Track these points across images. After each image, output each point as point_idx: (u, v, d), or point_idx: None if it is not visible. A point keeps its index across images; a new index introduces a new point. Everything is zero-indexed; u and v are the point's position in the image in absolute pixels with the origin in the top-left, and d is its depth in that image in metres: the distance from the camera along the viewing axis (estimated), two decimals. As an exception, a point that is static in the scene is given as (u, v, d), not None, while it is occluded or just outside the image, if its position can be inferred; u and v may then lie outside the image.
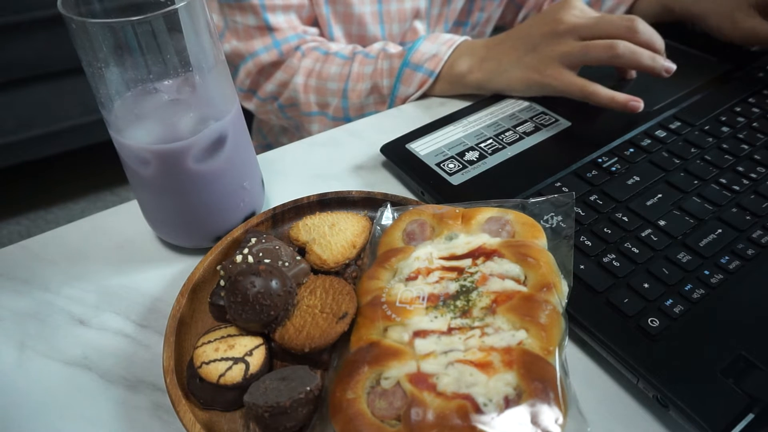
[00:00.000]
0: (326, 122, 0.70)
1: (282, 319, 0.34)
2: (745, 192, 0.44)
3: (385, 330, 0.33)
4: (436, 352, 0.31)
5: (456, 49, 0.60)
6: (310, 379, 0.31)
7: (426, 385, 0.30)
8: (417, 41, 0.62)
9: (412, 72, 0.61)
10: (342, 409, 0.30)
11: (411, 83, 0.61)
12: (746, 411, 0.30)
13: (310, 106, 0.69)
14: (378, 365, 0.31)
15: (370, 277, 0.37)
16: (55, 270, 0.45)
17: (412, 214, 0.40)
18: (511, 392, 0.29)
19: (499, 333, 0.31)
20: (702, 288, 0.37)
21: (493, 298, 0.33)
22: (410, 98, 0.61)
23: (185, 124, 0.39)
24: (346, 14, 0.70)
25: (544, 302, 0.32)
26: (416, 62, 0.60)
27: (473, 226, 0.38)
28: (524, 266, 0.34)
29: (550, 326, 0.31)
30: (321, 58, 0.67)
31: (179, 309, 0.37)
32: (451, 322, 0.32)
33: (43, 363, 0.38)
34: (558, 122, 0.53)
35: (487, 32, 0.84)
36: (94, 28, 0.33)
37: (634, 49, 0.50)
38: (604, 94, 0.51)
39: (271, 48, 0.67)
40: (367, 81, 0.63)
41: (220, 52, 0.39)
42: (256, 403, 0.30)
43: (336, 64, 0.66)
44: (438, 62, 0.59)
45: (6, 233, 1.60)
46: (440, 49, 0.60)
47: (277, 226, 0.45)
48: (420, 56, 0.60)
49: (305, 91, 0.68)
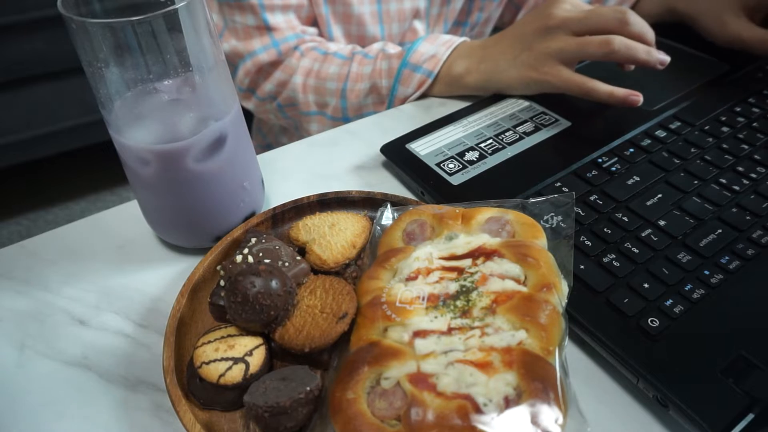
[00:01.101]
0: (325, 122, 0.70)
1: (282, 319, 0.34)
2: (745, 192, 0.44)
3: (385, 330, 0.33)
4: (436, 352, 0.31)
5: (454, 51, 0.60)
6: (310, 379, 0.31)
7: (426, 385, 0.30)
8: (416, 42, 0.62)
9: (411, 72, 0.61)
10: (342, 409, 0.30)
11: (410, 84, 0.61)
12: (746, 411, 0.30)
13: (308, 106, 0.69)
14: (378, 365, 0.31)
15: (370, 277, 0.37)
16: (55, 270, 0.45)
17: (412, 214, 0.40)
18: (511, 392, 0.29)
19: (499, 333, 0.31)
20: (702, 288, 0.37)
21: (493, 298, 0.33)
22: (409, 99, 0.61)
23: (185, 124, 0.39)
24: (346, 14, 0.70)
25: (544, 302, 0.32)
26: (415, 63, 0.60)
27: (473, 226, 0.38)
28: (524, 266, 0.34)
29: (550, 326, 0.31)
30: (320, 58, 0.67)
31: (179, 309, 0.37)
32: (451, 322, 0.32)
33: (43, 363, 0.38)
34: (558, 122, 0.53)
35: (487, 32, 0.84)
36: (94, 28, 0.33)
37: (629, 44, 0.50)
38: (603, 89, 0.51)
39: (269, 47, 0.67)
40: (366, 81, 0.64)
41: (220, 52, 0.39)
42: (256, 403, 0.30)
43: (335, 64, 0.66)
44: (437, 63, 0.59)
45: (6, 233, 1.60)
46: (439, 50, 0.60)
47: (277, 226, 0.45)
48: (419, 57, 0.60)
49: (304, 91, 0.68)
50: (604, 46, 0.50)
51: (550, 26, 0.53)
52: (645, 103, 0.54)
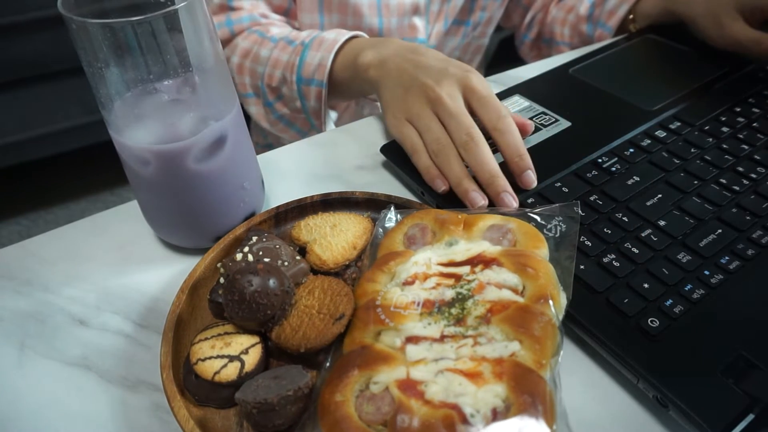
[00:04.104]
0: (261, 106, 0.71)
1: (279, 318, 0.34)
2: (745, 192, 0.44)
3: (378, 334, 0.33)
4: (427, 359, 0.31)
5: (349, 44, 0.59)
6: (300, 378, 0.31)
7: (414, 392, 0.29)
8: (303, 51, 0.61)
9: (308, 87, 0.61)
10: (329, 412, 0.30)
11: (310, 98, 0.62)
12: (746, 411, 0.30)
13: (245, 87, 0.70)
14: (368, 369, 0.31)
15: (367, 279, 0.37)
16: (55, 270, 0.45)
17: (415, 217, 0.40)
18: (500, 404, 0.28)
19: (492, 343, 0.31)
20: (702, 288, 0.37)
21: (488, 307, 0.33)
22: (325, 112, 0.62)
23: (185, 124, 0.39)
24: (341, 3, 0.69)
25: (540, 314, 0.32)
26: (308, 76, 0.61)
27: (474, 232, 0.38)
28: (523, 276, 0.34)
29: (544, 339, 0.31)
30: (258, 41, 0.67)
31: (179, 305, 0.37)
32: (444, 329, 0.32)
33: (43, 363, 0.38)
34: (558, 122, 0.53)
35: (488, 32, 0.84)
36: (94, 28, 0.33)
37: (459, 173, 0.45)
38: (422, 164, 0.47)
39: (223, 26, 0.69)
40: (280, 69, 0.64)
41: (220, 52, 0.39)
42: (245, 399, 0.30)
43: (266, 48, 0.66)
44: (323, 69, 0.59)
45: (6, 233, 1.60)
46: (324, 56, 0.60)
47: (280, 224, 0.45)
48: (308, 68, 0.61)
49: (240, 72, 0.69)
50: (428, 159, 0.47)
51: (429, 96, 0.48)
52: (645, 103, 0.54)
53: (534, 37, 0.84)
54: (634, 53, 0.65)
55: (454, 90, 0.48)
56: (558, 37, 0.79)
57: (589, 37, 0.74)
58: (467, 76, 0.48)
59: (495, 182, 0.43)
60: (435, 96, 0.48)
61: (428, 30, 0.76)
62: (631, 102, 0.55)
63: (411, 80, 0.51)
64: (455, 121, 0.46)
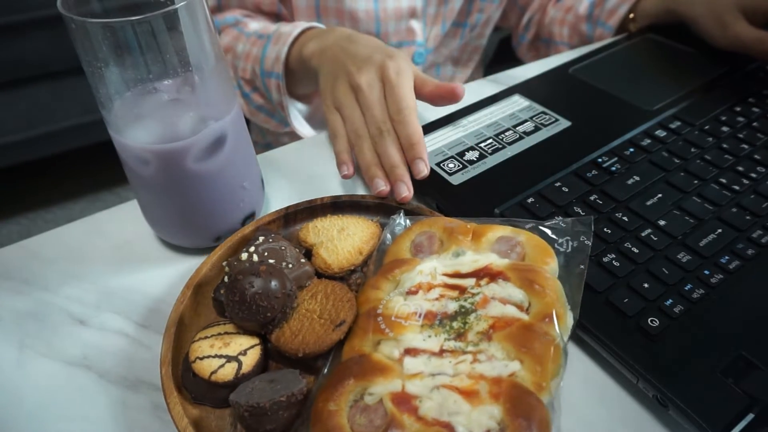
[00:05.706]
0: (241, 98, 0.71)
1: (280, 321, 0.34)
2: (745, 192, 0.44)
3: (377, 343, 0.33)
4: (424, 374, 0.30)
5: (303, 35, 0.61)
6: (295, 384, 0.31)
7: (408, 407, 0.29)
8: (265, 45, 0.63)
9: (269, 80, 0.63)
10: (322, 420, 0.29)
11: (273, 90, 0.63)
12: (746, 411, 0.30)
13: None
14: (364, 380, 0.31)
15: (371, 286, 0.36)
16: (54, 270, 0.45)
17: (423, 225, 0.39)
18: (494, 426, 0.28)
19: (492, 361, 0.30)
20: (702, 288, 0.37)
21: (491, 323, 0.32)
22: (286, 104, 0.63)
23: (185, 124, 0.39)
24: (338, 10, 0.70)
25: (544, 334, 0.31)
26: (268, 69, 0.62)
27: (483, 244, 0.37)
28: (529, 293, 0.33)
29: (546, 360, 0.30)
30: (236, 36, 0.69)
31: (183, 301, 0.37)
32: (444, 343, 0.32)
33: (43, 363, 0.38)
34: (558, 122, 0.53)
35: (486, 34, 0.84)
36: (94, 28, 0.33)
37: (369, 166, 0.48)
38: (336, 148, 0.50)
39: None
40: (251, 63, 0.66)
41: (220, 52, 0.39)
42: (238, 402, 0.30)
43: (242, 42, 0.68)
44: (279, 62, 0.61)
45: (6, 233, 1.60)
46: (280, 49, 0.61)
47: (289, 225, 0.45)
48: (268, 62, 0.62)
49: None
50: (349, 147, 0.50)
51: (352, 82, 0.50)
52: (645, 103, 0.54)
53: (532, 37, 0.84)
54: (635, 53, 0.65)
55: (373, 78, 0.50)
56: (557, 37, 0.79)
57: (588, 37, 0.74)
58: (385, 63, 0.50)
59: (394, 172, 0.46)
60: (356, 84, 0.50)
61: (426, 33, 0.76)
62: (631, 102, 0.55)
63: (339, 68, 0.53)
64: (369, 114, 0.49)
